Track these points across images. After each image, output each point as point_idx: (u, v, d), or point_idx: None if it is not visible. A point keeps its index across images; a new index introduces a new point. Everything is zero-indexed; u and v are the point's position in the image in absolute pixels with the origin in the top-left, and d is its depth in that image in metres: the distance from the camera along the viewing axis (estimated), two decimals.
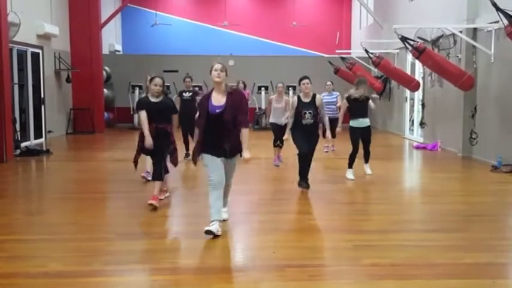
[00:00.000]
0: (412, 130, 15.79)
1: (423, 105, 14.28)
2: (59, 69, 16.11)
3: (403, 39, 11.11)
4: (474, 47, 11.20)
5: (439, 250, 5.08)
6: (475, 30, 11.25)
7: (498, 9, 8.72)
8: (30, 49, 14.05)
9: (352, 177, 8.77)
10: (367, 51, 14.77)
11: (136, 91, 18.89)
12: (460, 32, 11.30)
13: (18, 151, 11.69)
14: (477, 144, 11.17)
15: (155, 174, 6.85)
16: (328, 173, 9.68)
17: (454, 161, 11.14)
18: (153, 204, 6.59)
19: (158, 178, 6.81)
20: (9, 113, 11.10)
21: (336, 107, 11.68)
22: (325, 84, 12.26)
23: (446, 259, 4.80)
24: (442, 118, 13.14)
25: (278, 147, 10.22)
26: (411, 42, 11.11)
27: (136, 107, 7.13)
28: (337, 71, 18.38)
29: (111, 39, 22.42)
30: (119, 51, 23.64)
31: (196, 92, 11.10)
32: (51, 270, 4.50)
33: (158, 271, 4.52)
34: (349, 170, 8.87)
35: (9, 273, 4.45)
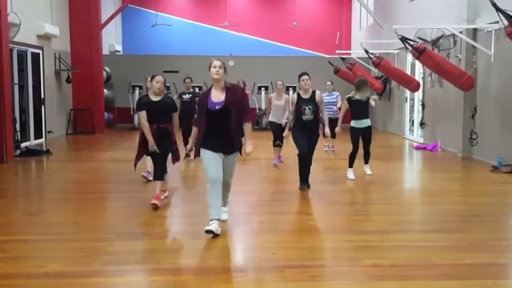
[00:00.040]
0: (412, 130, 15.79)
1: (423, 106, 14.28)
2: (59, 70, 16.11)
3: (403, 40, 11.11)
4: (474, 47, 11.20)
5: (439, 251, 5.08)
6: (475, 30, 11.26)
7: (498, 9, 8.73)
8: (30, 49, 14.06)
9: (353, 177, 8.78)
10: (367, 51, 14.77)
11: (137, 91, 18.88)
12: (460, 32, 11.30)
13: (18, 151, 11.69)
14: (477, 144, 11.17)
15: (156, 174, 6.87)
16: (328, 174, 9.68)
17: (454, 162, 11.14)
18: (156, 204, 6.60)
19: (160, 178, 6.82)
20: (9, 113, 11.10)
21: (336, 108, 11.67)
22: (325, 84, 12.27)
23: (447, 260, 4.80)
24: (442, 118, 13.14)
25: (278, 146, 10.23)
26: (411, 43, 11.11)
27: (136, 107, 7.09)
28: (337, 72, 18.39)
29: (111, 40, 22.42)
30: (119, 52, 23.64)
31: (196, 93, 11.12)
32: (52, 270, 4.51)
33: (158, 271, 4.53)
34: (349, 169, 8.88)
35: (9, 274, 4.46)
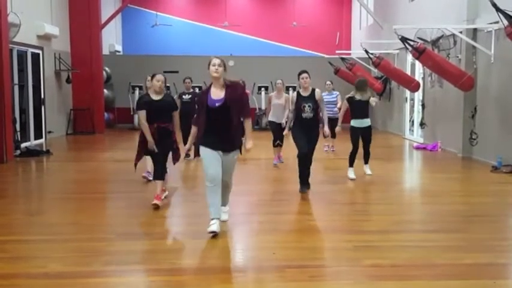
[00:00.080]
0: (412, 130, 15.79)
1: (423, 106, 14.29)
2: (59, 70, 16.11)
3: (403, 40, 11.11)
4: (474, 47, 11.20)
5: (439, 251, 5.08)
6: (475, 30, 11.25)
7: (498, 9, 8.73)
8: (30, 50, 14.06)
9: (353, 176, 8.79)
10: (367, 51, 14.77)
11: (137, 91, 18.88)
12: (460, 32, 11.30)
13: (18, 151, 11.69)
14: (477, 144, 11.17)
15: (157, 173, 6.86)
16: (328, 174, 9.68)
17: (454, 162, 11.14)
18: (157, 204, 6.62)
19: (160, 177, 6.82)
20: (9, 114, 11.10)
21: (336, 107, 11.67)
22: (325, 83, 12.28)
23: (447, 260, 4.80)
24: (442, 118, 13.14)
25: (278, 146, 10.22)
26: (411, 43, 11.11)
27: (136, 106, 7.05)
28: (337, 72, 18.39)
29: (111, 40, 22.42)
30: (119, 52, 23.64)
31: (196, 93, 11.11)
32: (52, 270, 4.51)
33: (158, 272, 4.52)
34: (350, 169, 8.89)
35: (9, 274, 4.46)
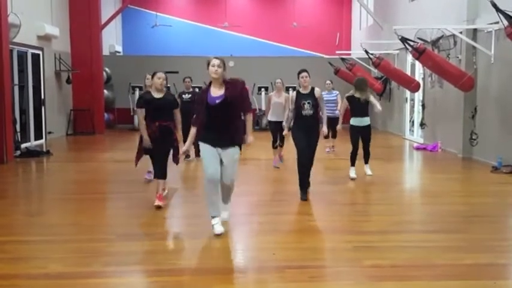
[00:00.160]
0: (412, 131, 15.79)
1: (423, 106, 14.29)
2: (59, 70, 16.11)
3: (403, 40, 11.11)
4: (474, 47, 11.20)
5: (439, 251, 5.08)
6: (475, 31, 11.25)
7: (498, 10, 8.73)
8: (30, 50, 14.06)
9: (354, 176, 8.82)
10: (367, 52, 14.77)
11: (137, 92, 18.86)
12: (460, 32, 11.30)
13: (18, 152, 11.69)
14: (477, 145, 11.17)
15: (159, 173, 6.83)
16: (328, 174, 9.68)
17: (454, 162, 11.14)
18: (159, 206, 6.63)
19: (162, 177, 6.82)
20: (9, 114, 11.10)
21: (336, 106, 11.64)
22: (325, 83, 12.27)
23: (447, 260, 4.80)
24: (442, 119, 13.14)
25: (280, 147, 10.19)
26: (411, 43, 11.11)
27: (136, 103, 7.00)
28: (337, 72, 18.40)
29: (112, 40, 22.42)
30: (119, 52, 23.64)
31: (196, 93, 11.06)
32: (52, 271, 4.51)
33: (158, 272, 4.52)
34: (351, 168, 8.92)
35: (10, 275, 4.46)
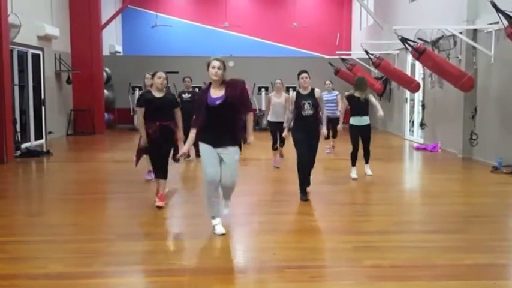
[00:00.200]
0: (413, 131, 15.79)
1: (423, 106, 14.29)
2: (59, 71, 16.11)
3: (403, 40, 11.11)
4: (474, 48, 11.20)
5: (439, 251, 5.08)
6: (475, 31, 11.25)
7: (498, 10, 8.73)
8: (30, 50, 14.07)
9: (355, 176, 8.84)
10: (367, 52, 14.77)
11: (137, 92, 18.87)
12: (460, 33, 11.30)
13: (18, 152, 11.69)
14: (477, 145, 11.17)
15: (160, 173, 6.82)
16: (328, 174, 9.68)
17: (455, 162, 11.14)
18: (161, 207, 6.65)
19: (163, 177, 6.81)
20: (9, 114, 11.11)
21: (335, 106, 11.62)
22: (324, 83, 12.26)
23: (447, 260, 4.80)
24: (442, 119, 13.14)
25: (280, 147, 10.16)
26: (411, 43, 11.11)
27: (137, 102, 6.95)
28: (338, 72, 18.40)
29: (112, 41, 22.42)
30: (119, 53, 23.63)
31: (196, 93, 11.04)
32: (52, 271, 4.51)
33: (158, 272, 4.52)
34: (352, 168, 8.94)
35: (10, 275, 4.46)
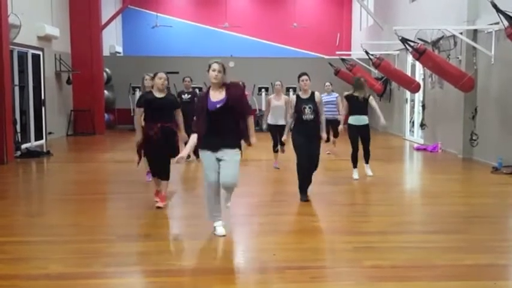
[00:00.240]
0: (413, 131, 15.79)
1: (423, 107, 14.29)
2: (59, 71, 16.12)
3: (404, 41, 11.11)
4: (474, 48, 11.20)
5: (439, 252, 5.08)
6: (475, 31, 11.25)
7: (498, 10, 8.73)
8: (30, 51, 14.07)
9: (357, 177, 8.85)
10: (367, 52, 14.76)
11: (137, 92, 18.82)
12: (461, 33, 11.30)
13: (18, 152, 11.69)
14: (477, 145, 11.16)
15: (162, 174, 6.80)
16: (328, 175, 9.66)
17: (455, 163, 11.14)
18: (161, 207, 6.66)
19: (165, 178, 6.81)
20: (9, 115, 11.11)
21: (335, 108, 11.60)
22: (324, 85, 12.22)
23: (447, 261, 4.80)
24: (442, 119, 13.14)
25: (282, 148, 10.11)
26: (411, 44, 11.11)
27: (137, 102, 6.91)
28: (338, 73, 18.40)
29: (112, 41, 22.41)
30: (119, 53, 23.62)
31: (196, 93, 10.98)
32: (52, 272, 4.51)
33: (158, 273, 4.52)
34: (354, 170, 8.95)
35: (10, 275, 4.46)
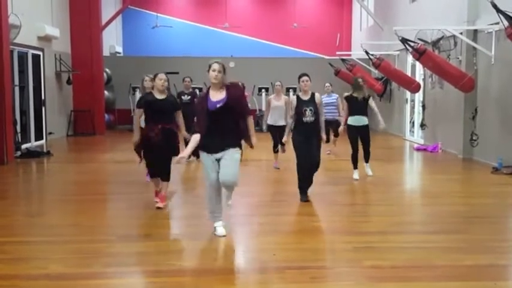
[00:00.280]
0: (413, 132, 15.79)
1: (424, 107, 14.29)
2: (59, 71, 16.12)
3: (404, 41, 11.11)
4: (475, 48, 11.20)
5: (439, 252, 5.08)
6: (475, 31, 11.25)
7: (498, 10, 8.73)
8: (31, 51, 14.07)
9: (358, 177, 8.87)
10: (367, 52, 14.76)
11: (137, 93, 18.85)
12: (461, 33, 11.31)
13: (18, 153, 11.69)
14: (478, 145, 11.17)
15: (163, 175, 6.80)
16: (328, 175, 9.66)
17: (455, 163, 11.14)
18: (161, 208, 6.67)
19: (165, 179, 6.81)
20: (9, 115, 11.11)
21: (335, 109, 11.59)
22: (324, 85, 12.20)
23: (447, 261, 4.80)
24: (442, 120, 13.14)
25: (282, 150, 10.09)
26: (412, 44, 11.12)
27: (137, 103, 6.89)
28: (338, 73, 18.40)
29: (112, 41, 22.42)
30: (119, 53, 23.61)
31: (196, 94, 10.95)
32: (52, 272, 4.51)
33: (159, 273, 4.52)
34: (354, 171, 8.95)
35: (10, 275, 4.46)
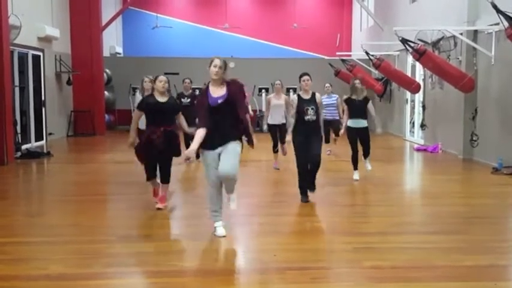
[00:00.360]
0: (413, 132, 15.79)
1: (424, 107, 14.29)
2: (59, 72, 16.12)
3: (404, 41, 11.11)
4: (475, 49, 11.20)
5: (439, 252, 5.08)
6: (475, 32, 11.26)
7: (498, 11, 8.74)
8: (31, 51, 14.07)
9: (358, 178, 8.87)
10: (367, 53, 14.75)
11: (137, 93, 18.76)
12: (461, 34, 11.31)
13: (19, 153, 11.69)
14: (478, 146, 11.16)
15: (163, 177, 6.80)
16: (328, 175, 9.64)
17: (455, 163, 11.14)
18: (161, 209, 6.65)
19: (166, 181, 6.80)
20: (10, 116, 11.11)
21: (335, 109, 11.58)
22: (324, 86, 12.18)
23: (447, 261, 4.80)
24: (442, 120, 13.14)
25: (283, 151, 10.06)
26: (412, 44, 11.12)
27: (138, 104, 6.87)
28: (338, 73, 18.40)
29: (112, 42, 22.41)
30: (119, 54, 23.60)
31: (196, 96, 10.88)
32: (53, 272, 4.51)
33: (159, 273, 4.53)
34: (354, 171, 8.95)
35: (10, 276, 4.46)
